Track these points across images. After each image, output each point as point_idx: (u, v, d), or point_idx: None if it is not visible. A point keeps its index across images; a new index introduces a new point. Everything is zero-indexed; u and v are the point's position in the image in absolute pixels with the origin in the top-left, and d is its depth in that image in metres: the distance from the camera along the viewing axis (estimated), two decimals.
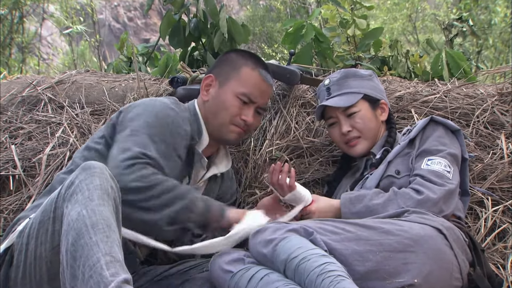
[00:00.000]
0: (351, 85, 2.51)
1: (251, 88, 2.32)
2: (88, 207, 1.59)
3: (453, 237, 2.04)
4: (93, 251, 1.52)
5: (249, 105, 2.33)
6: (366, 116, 2.49)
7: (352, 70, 2.59)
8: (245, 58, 2.37)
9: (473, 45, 9.15)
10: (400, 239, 1.92)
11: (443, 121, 2.37)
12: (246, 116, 2.31)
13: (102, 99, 3.29)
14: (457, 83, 3.29)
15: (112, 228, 1.59)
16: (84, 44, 15.62)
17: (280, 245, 1.83)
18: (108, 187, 1.67)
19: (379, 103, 2.54)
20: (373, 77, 2.57)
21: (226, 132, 2.33)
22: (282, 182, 2.25)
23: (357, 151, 2.51)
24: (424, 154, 2.29)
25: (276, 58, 11.64)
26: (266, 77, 2.36)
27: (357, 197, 2.23)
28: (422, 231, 1.97)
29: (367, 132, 2.49)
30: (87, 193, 1.62)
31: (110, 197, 1.66)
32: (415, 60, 3.73)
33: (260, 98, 2.35)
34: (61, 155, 2.93)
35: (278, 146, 2.93)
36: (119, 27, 23.77)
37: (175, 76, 3.05)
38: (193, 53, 3.85)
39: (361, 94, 2.49)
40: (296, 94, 3.13)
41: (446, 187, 2.18)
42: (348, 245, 1.89)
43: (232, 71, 2.35)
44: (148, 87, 3.28)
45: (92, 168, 1.68)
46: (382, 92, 2.59)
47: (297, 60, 3.54)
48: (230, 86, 2.32)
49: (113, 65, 4.32)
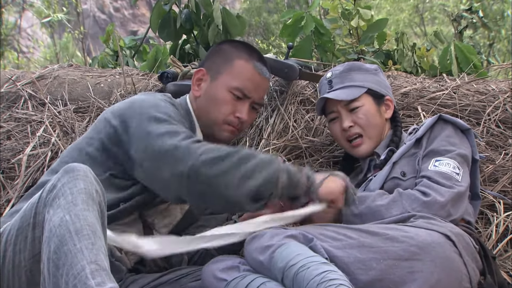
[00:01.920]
0: (354, 78, 2.52)
1: (245, 81, 2.30)
2: (71, 212, 1.59)
3: (463, 244, 2.04)
4: (78, 258, 1.52)
5: (243, 101, 2.31)
6: (370, 111, 2.49)
7: (357, 64, 2.59)
8: (238, 50, 2.36)
9: (484, 37, 9.17)
10: (406, 246, 1.92)
11: (452, 120, 2.37)
12: (240, 113, 2.30)
13: (87, 95, 3.29)
14: (467, 78, 3.30)
15: (98, 234, 1.59)
16: (67, 37, 15.62)
17: (278, 251, 1.83)
18: (93, 190, 1.66)
19: (384, 99, 2.54)
20: (378, 71, 2.58)
21: (218, 130, 2.32)
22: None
23: (360, 152, 2.51)
24: (432, 155, 2.29)
25: (273, 52, 11.65)
26: (261, 69, 2.34)
27: (359, 198, 2.23)
28: (429, 237, 1.96)
29: (370, 130, 2.48)
30: (70, 198, 1.62)
31: (95, 201, 1.66)
32: (422, 54, 3.74)
33: (255, 93, 2.33)
34: (42, 155, 2.92)
35: (275, 146, 2.93)
36: (105, 18, 23.77)
37: (165, 71, 3.05)
38: (184, 47, 3.86)
39: (365, 88, 2.49)
40: (295, 90, 3.13)
41: (455, 189, 2.18)
42: (350, 252, 1.89)
43: (224, 63, 2.33)
44: (136, 82, 3.28)
45: (76, 170, 1.68)
46: (388, 88, 2.59)
47: (295, 54, 3.56)
48: (223, 80, 2.31)
49: (98, 59, 4.33)
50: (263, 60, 2.38)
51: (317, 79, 3.10)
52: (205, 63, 2.40)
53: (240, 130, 2.38)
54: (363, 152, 2.50)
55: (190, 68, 3.03)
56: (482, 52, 5.69)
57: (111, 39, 4.35)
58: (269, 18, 15.79)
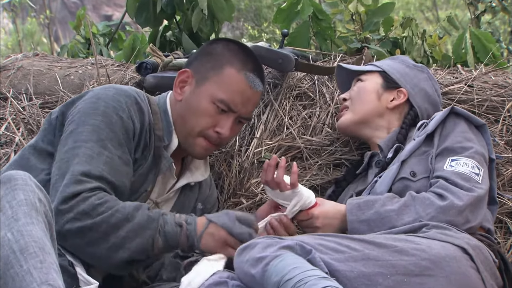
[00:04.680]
0: (382, 62, 2.68)
1: (233, 94, 2.27)
2: (13, 229, 1.56)
3: (481, 258, 2.04)
4: (26, 282, 1.50)
5: (227, 114, 2.27)
6: (366, 87, 2.60)
7: (405, 57, 2.75)
8: (232, 55, 2.32)
9: (505, 23, 9.20)
10: (417, 260, 1.93)
11: (466, 114, 2.39)
12: (221, 128, 2.27)
13: (55, 88, 3.28)
14: (484, 69, 3.30)
15: (46, 250, 1.57)
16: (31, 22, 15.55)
17: (272, 264, 1.83)
18: (35, 200, 1.64)
19: (396, 88, 2.60)
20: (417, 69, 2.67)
21: (191, 144, 2.30)
22: (279, 180, 2.24)
23: (340, 124, 2.64)
24: (447, 153, 2.30)
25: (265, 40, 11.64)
26: (253, 82, 2.30)
27: (367, 202, 2.23)
28: (443, 250, 1.97)
29: (357, 104, 2.59)
30: (10, 212, 1.59)
31: (39, 212, 1.63)
32: (434, 42, 3.75)
33: (243, 107, 2.29)
34: (4, 157, 2.92)
35: (268, 146, 2.93)
36: (75, 1, 23.67)
37: (143, 61, 3.05)
38: (166, 34, 3.85)
39: (380, 69, 2.62)
40: (290, 83, 3.14)
41: (475, 192, 2.19)
42: (353, 266, 1.89)
43: (213, 68, 2.30)
44: (111, 74, 3.28)
45: (13, 180, 1.65)
46: (416, 87, 2.63)
47: (291, 42, 3.55)
48: (208, 88, 2.28)
49: (67, 48, 4.32)
50: (259, 70, 2.36)
51: (315, 71, 3.11)
52: (193, 63, 2.37)
53: (217, 147, 2.38)
54: (341, 124, 2.63)
55: (172, 58, 3.02)
56: (501, 40, 5.70)
57: (82, 24, 4.33)
58: (261, 1, 15.77)
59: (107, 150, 2.08)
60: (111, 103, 2.15)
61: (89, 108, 2.14)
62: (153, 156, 2.25)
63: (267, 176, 2.26)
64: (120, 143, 2.12)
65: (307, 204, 2.27)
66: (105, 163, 2.06)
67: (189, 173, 2.44)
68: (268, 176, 2.25)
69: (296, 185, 2.24)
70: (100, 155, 2.06)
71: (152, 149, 2.25)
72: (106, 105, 2.14)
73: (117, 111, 2.14)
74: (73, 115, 2.16)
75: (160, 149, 2.26)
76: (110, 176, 2.05)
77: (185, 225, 2.06)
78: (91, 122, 2.11)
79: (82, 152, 2.05)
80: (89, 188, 1.99)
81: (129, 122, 2.15)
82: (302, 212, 2.28)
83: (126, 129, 2.14)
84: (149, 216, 2.03)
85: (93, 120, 2.11)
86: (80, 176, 2.00)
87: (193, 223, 2.07)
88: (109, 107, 2.14)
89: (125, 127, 2.14)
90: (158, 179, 2.31)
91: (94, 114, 2.12)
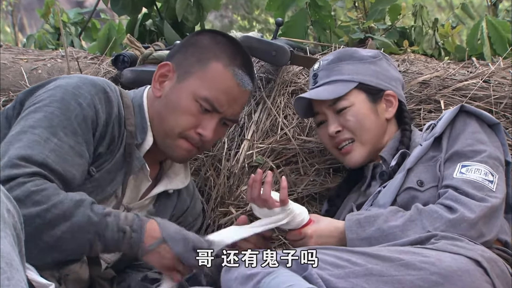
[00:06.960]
0: (343, 70, 2.54)
1: (218, 92, 2.26)
2: None
3: (496, 272, 2.05)
4: None
5: (211, 115, 2.27)
6: (361, 112, 2.50)
7: (350, 50, 2.61)
8: (219, 47, 2.32)
9: None
10: (425, 274, 1.93)
11: (477, 112, 2.38)
12: (203, 129, 2.26)
13: (20, 84, 3.28)
14: (502, 63, 3.32)
15: (14, 265, 1.55)
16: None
17: (264, 282, 1.84)
18: (4, 211, 1.62)
19: (382, 94, 2.55)
20: (378, 59, 2.59)
21: (170, 145, 2.30)
22: (266, 196, 2.19)
23: (352, 160, 2.53)
24: (457, 158, 2.30)
25: (257, 30, 11.66)
26: (242, 79, 2.30)
27: (368, 218, 2.23)
28: (455, 263, 1.97)
29: (363, 134, 2.50)
30: None
31: (7, 224, 1.62)
32: (446, 33, 3.76)
33: (229, 108, 2.29)
34: None
35: (260, 149, 2.94)
36: None
37: (120, 54, 3.05)
38: (145, 23, 3.85)
39: (355, 83, 2.51)
40: (285, 78, 3.14)
41: (488, 202, 2.19)
42: (355, 282, 1.89)
43: (197, 62, 2.30)
44: (83, 68, 3.29)
45: None
46: (392, 80, 2.59)
47: (286, 32, 3.56)
48: (191, 84, 2.28)
49: (35, 38, 4.32)
50: (248, 66, 2.36)
51: (312, 64, 3.11)
52: (175, 56, 2.37)
53: (199, 150, 2.37)
54: (354, 160, 2.53)
55: (153, 50, 3.03)
56: None
57: (51, 12, 4.33)
58: None
59: (57, 137, 2.06)
60: (71, 90, 2.14)
61: (47, 95, 2.14)
62: (123, 154, 2.24)
63: (252, 193, 2.21)
64: (74, 132, 2.10)
65: (299, 222, 2.25)
66: (51, 150, 2.04)
67: (167, 179, 2.43)
68: (254, 193, 2.21)
69: (286, 202, 2.20)
70: (48, 142, 2.05)
71: (122, 145, 2.24)
72: (65, 92, 2.14)
73: (76, 97, 2.13)
74: (30, 102, 2.16)
75: (131, 146, 2.26)
76: (54, 164, 2.03)
77: (129, 232, 2.01)
78: (45, 109, 2.10)
79: (27, 138, 2.04)
80: (27, 173, 1.97)
81: (90, 110, 2.14)
82: (294, 231, 2.26)
83: (84, 117, 2.12)
84: (89, 217, 1.98)
85: (47, 107, 2.11)
86: (18, 160, 1.98)
87: (140, 230, 2.03)
88: (67, 94, 2.13)
89: (84, 114, 2.12)
90: (129, 180, 2.29)
91: (50, 102, 2.12)
